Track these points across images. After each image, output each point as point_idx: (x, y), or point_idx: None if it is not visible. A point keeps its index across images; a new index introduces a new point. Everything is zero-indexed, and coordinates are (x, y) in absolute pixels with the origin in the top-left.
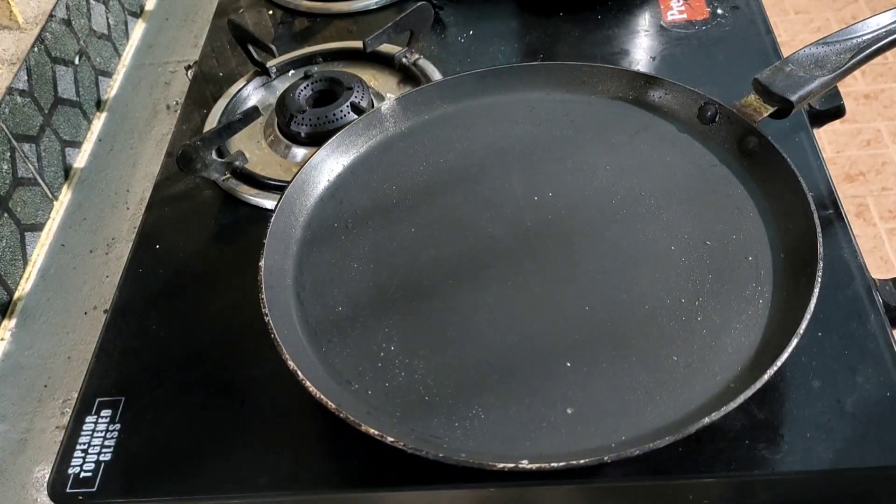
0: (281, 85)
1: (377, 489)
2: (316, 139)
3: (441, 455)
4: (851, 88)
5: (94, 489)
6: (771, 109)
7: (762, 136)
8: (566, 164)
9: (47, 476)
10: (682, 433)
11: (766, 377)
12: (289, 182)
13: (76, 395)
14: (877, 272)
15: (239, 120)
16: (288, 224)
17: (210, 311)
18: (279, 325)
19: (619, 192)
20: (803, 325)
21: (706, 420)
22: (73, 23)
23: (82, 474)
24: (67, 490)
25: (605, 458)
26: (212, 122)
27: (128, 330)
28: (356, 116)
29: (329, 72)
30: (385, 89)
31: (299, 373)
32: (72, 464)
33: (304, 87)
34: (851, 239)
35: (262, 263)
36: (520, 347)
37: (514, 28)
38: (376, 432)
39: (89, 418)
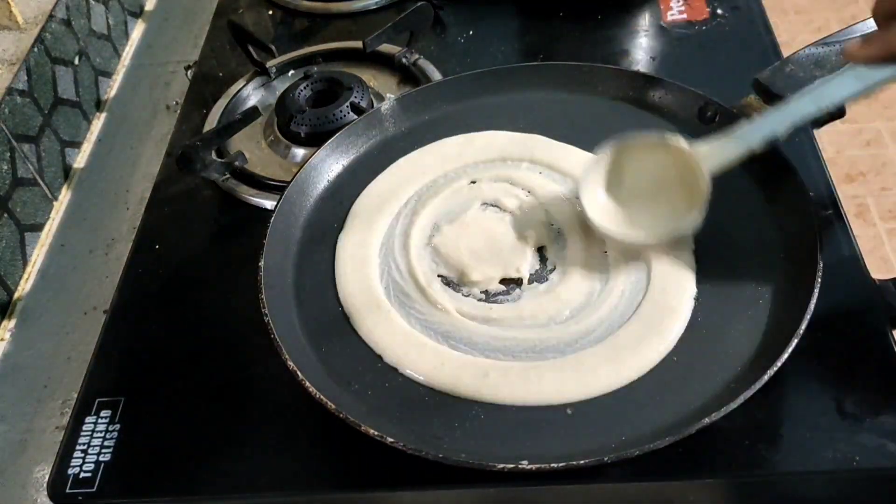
0: (281, 85)
1: (377, 489)
2: (316, 139)
3: (441, 455)
4: None
5: (94, 489)
6: None
7: None
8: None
9: (47, 476)
10: (682, 433)
11: (766, 377)
12: (289, 182)
13: (76, 395)
14: (877, 272)
15: (239, 120)
16: (288, 224)
17: (210, 311)
18: (279, 325)
19: None
20: (803, 325)
21: (706, 420)
22: (73, 23)
23: (82, 474)
24: (67, 490)
25: (605, 459)
26: (212, 122)
27: (128, 330)
28: (356, 116)
29: (329, 72)
30: (385, 89)
31: (299, 373)
32: (71, 464)
33: (304, 88)
34: (851, 239)
35: (262, 263)
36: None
37: (514, 28)
38: (376, 433)
39: (89, 418)
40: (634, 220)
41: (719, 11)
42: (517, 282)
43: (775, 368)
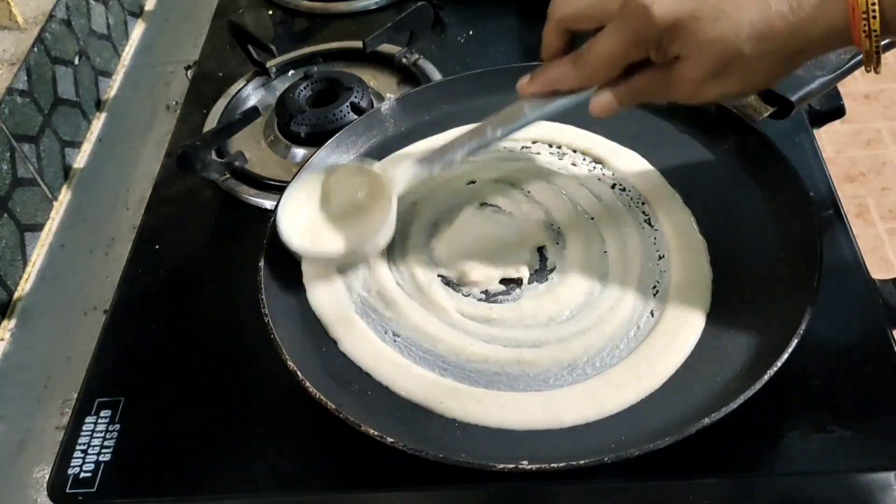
0: (281, 85)
1: (377, 490)
2: (316, 139)
3: (441, 455)
4: (851, 88)
5: (94, 489)
6: (771, 109)
7: (762, 136)
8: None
9: (47, 476)
10: (682, 434)
11: (766, 377)
12: (289, 182)
13: (76, 396)
14: (877, 272)
15: (239, 120)
16: None
17: (210, 310)
18: (279, 325)
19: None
20: (803, 325)
21: (706, 421)
22: (73, 23)
23: (82, 475)
24: (67, 490)
25: (605, 459)
26: (212, 122)
27: (128, 330)
28: (356, 116)
29: (329, 72)
30: (385, 89)
31: (299, 373)
32: (71, 464)
33: (304, 87)
34: (851, 239)
35: (262, 263)
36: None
37: (514, 28)
38: (376, 433)
39: (89, 419)
40: (332, 238)
41: None
42: (517, 282)
43: (775, 368)
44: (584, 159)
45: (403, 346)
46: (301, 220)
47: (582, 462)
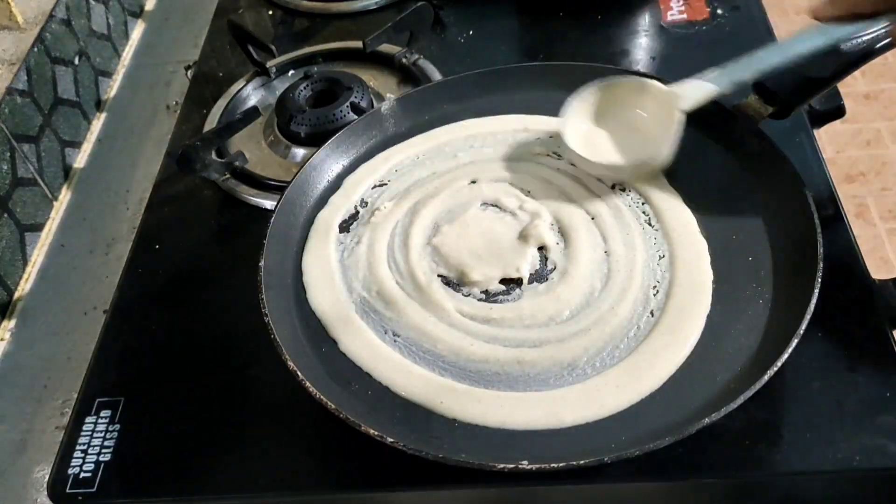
0: (281, 85)
1: (377, 490)
2: (316, 139)
3: (441, 455)
4: (851, 88)
5: (94, 489)
6: (771, 109)
7: (763, 137)
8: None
9: (47, 476)
10: (683, 433)
11: (766, 377)
12: (289, 182)
13: (76, 396)
14: (877, 272)
15: (239, 120)
16: (288, 224)
17: (210, 311)
18: (279, 325)
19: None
20: (803, 325)
21: (706, 421)
22: (73, 23)
23: (82, 475)
24: (67, 490)
25: (605, 459)
26: (212, 122)
27: (128, 330)
28: (356, 116)
29: (329, 72)
30: (385, 89)
31: (299, 373)
32: (71, 464)
33: (304, 88)
34: (851, 239)
35: (262, 264)
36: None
37: (514, 28)
38: (376, 433)
39: (89, 419)
40: (610, 152)
41: (719, 11)
42: (517, 282)
43: (775, 368)
44: None
45: (403, 346)
46: (583, 130)
47: (582, 462)
